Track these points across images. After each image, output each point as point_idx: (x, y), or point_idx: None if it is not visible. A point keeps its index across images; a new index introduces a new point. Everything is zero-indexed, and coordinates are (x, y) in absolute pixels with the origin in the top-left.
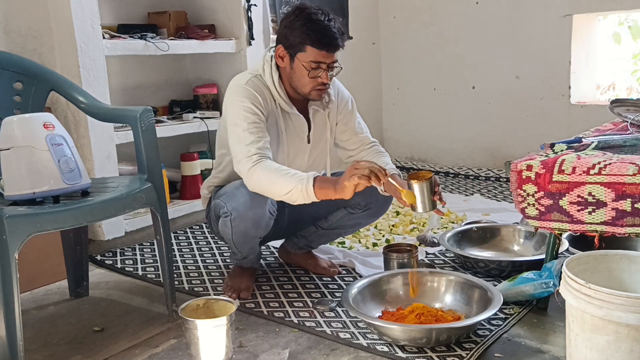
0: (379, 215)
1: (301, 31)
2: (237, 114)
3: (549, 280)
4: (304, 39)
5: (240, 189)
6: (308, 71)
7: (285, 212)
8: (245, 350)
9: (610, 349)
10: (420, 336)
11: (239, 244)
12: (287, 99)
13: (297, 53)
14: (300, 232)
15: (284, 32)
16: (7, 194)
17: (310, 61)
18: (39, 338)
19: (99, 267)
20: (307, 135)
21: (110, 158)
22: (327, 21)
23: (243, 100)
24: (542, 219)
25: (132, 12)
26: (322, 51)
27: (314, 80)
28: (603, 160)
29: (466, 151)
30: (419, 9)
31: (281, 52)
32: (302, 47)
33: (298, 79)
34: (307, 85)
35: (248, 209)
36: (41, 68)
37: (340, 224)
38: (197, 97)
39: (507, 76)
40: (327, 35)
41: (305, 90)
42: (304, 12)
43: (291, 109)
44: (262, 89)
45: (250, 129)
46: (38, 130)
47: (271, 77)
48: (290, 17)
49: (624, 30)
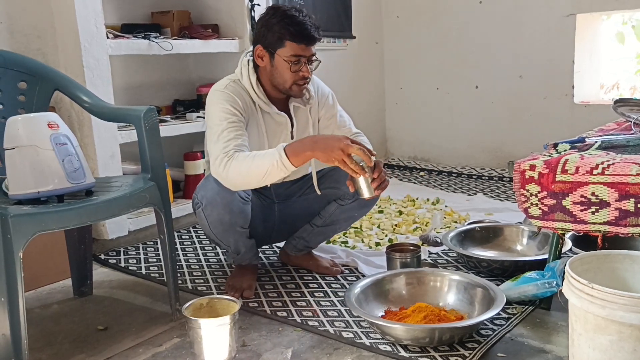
0: (369, 204)
1: (279, 27)
2: (216, 116)
3: (552, 280)
4: (283, 34)
5: (209, 178)
6: (289, 65)
7: (274, 209)
8: (249, 350)
9: (613, 349)
10: (423, 336)
11: (220, 235)
12: (266, 99)
13: (277, 49)
14: (297, 234)
15: (261, 32)
16: (11, 193)
17: (291, 55)
18: (43, 336)
19: (102, 266)
20: (291, 132)
21: (114, 157)
22: (302, 16)
23: (222, 103)
24: (545, 219)
25: (135, 11)
26: (300, 45)
27: (295, 75)
28: (606, 160)
29: (469, 151)
30: (421, 8)
31: (260, 51)
32: (281, 42)
33: (279, 75)
34: (289, 80)
35: (216, 194)
36: (45, 68)
37: (333, 219)
38: (201, 97)
39: (511, 76)
40: (304, 29)
41: (286, 86)
42: (279, 11)
43: (270, 108)
44: (241, 93)
45: (229, 128)
46: (42, 130)
47: (249, 79)
48: (266, 17)
49: (627, 29)
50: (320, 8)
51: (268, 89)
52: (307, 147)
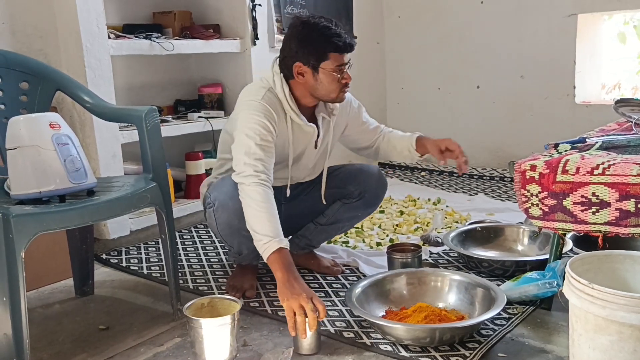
0: (374, 203)
1: (321, 41)
2: (251, 127)
3: (552, 280)
4: (326, 48)
5: (226, 180)
6: (336, 76)
7: (281, 209)
8: (250, 349)
9: (613, 349)
10: (424, 336)
11: (226, 236)
12: (298, 110)
13: (320, 63)
14: (300, 232)
15: (297, 49)
16: (13, 193)
17: (336, 66)
18: (45, 336)
19: (104, 266)
20: (315, 141)
21: (115, 157)
22: (335, 26)
23: (260, 115)
24: (545, 219)
25: (137, 12)
26: (343, 54)
27: (339, 84)
28: (607, 160)
29: (470, 151)
30: (423, 8)
31: (300, 68)
32: (325, 56)
33: (325, 87)
34: (335, 89)
35: (229, 199)
36: (47, 68)
37: (337, 218)
38: (202, 97)
39: (512, 76)
40: (344, 39)
41: (333, 96)
42: (311, 24)
43: (300, 119)
44: (275, 104)
45: (262, 146)
46: (44, 130)
47: (282, 90)
48: (299, 34)
49: (629, 29)
50: (322, 8)
51: (300, 101)
52: (280, 274)
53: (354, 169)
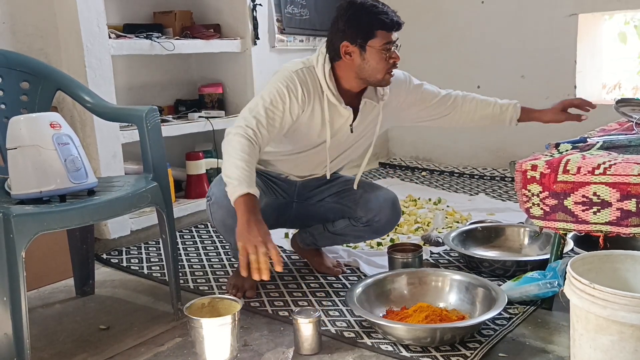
0: (381, 233)
1: (368, 19)
2: (269, 91)
3: (553, 280)
4: (373, 25)
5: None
6: (383, 53)
7: (292, 207)
8: (250, 349)
9: (614, 349)
10: (425, 336)
11: (223, 233)
12: (337, 92)
13: (368, 41)
14: (310, 229)
15: (344, 28)
16: (14, 193)
17: (384, 44)
18: (45, 336)
19: (104, 266)
20: (350, 126)
21: (116, 157)
22: (381, 5)
23: (283, 84)
24: (546, 219)
25: (137, 11)
26: (390, 32)
27: (387, 63)
28: (608, 160)
29: (471, 151)
30: (423, 8)
31: (347, 48)
32: (372, 34)
33: (372, 66)
34: (382, 69)
35: (224, 197)
36: (48, 68)
37: (344, 232)
38: (203, 97)
39: (513, 75)
40: (391, 17)
41: (379, 77)
42: (358, 4)
43: (338, 102)
44: (307, 81)
45: (268, 110)
46: (44, 130)
47: (323, 69)
48: (347, 13)
49: (630, 29)
50: (321, 8)
51: (345, 82)
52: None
53: (371, 197)
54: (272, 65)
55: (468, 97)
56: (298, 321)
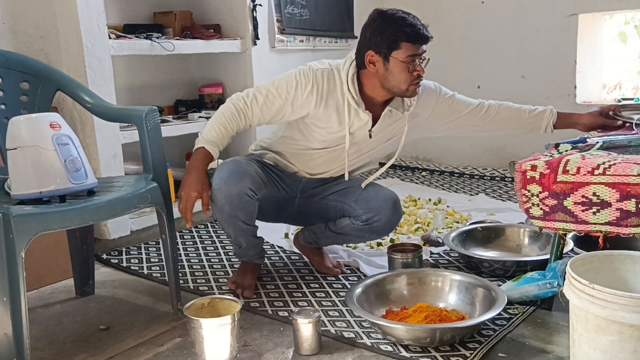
0: (381, 233)
1: (394, 29)
2: (281, 77)
3: (553, 281)
4: (399, 36)
5: (225, 164)
6: (407, 66)
7: (294, 202)
8: (250, 349)
9: (614, 349)
10: (424, 336)
11: (222, 221)
12: (359, 97)
13: (392, 52)
14: (312, 227)
15: (371, 38)
16: (13, 194)
17: (407, 56)
18: (45, 336)
19: (104, 266)
20: (369, 131)
21: (116, 157)
22: (411, 18)
23: (296, 77)
24: (546, 219)
25: (137, 12)
26: (416, 45)
27: (411, 75)
28: (608, 160)
29: (471, 151)
30: (424, 8)
31: (372, 57)
32: (396, 45)
33: (395, 77)
34: (406, 81)
35: (223, 184)
36: (48, 68)
37: (345, 232)
38: (203, 97)
39: (513, 75)
40: (418, 29)
41: (403, 88)
42: (387, 15)
43: (358, 106)
44: (323, 82)
45: (269, 93)
46: (44, 130)
47: (347, 73)
48: (374, 23)
49: (630, 29)
50: (322, 8)
51: (367, 90)
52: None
53: (371, 195)
54: (272, 65)
55: (502, 106)
56: (298, 321)
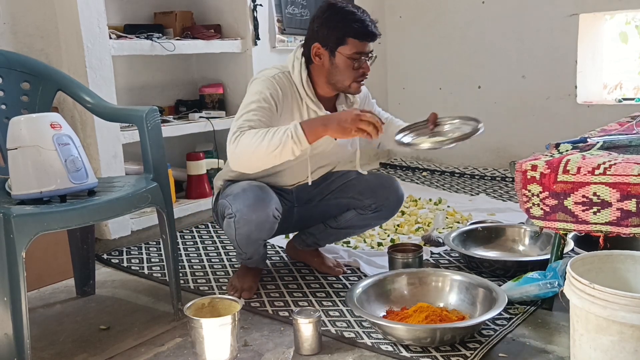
0: (389, 217)
1: (342, 25)
2: (252, 99)
3: (553, 281)
4: (346, 32)
5: (247, 191)
6: (352, 62)
7: (294, 211)
8: (250, 349)
9: (614, 349)
10: (425, 336)
11: (243, 246)
12: (315, 97)
13: (338, 47)
14: (309, 230)
15: (319, 30)
16: (14, 193)
17: (353, 53)
18: (46, 336)
19: (105, 266)
20: None
21: (116, 157)
22: (361, 13)
23: (264, 89)
24: (546, 219)
25: (138, 12)
26: (363, 42)
27: (356, 72)
28: (608, 160)
29: (472, 151)
30: (424, 8)
31: (317, 50)
32: (343, 40)
33: (340, 73)
34: (349, 78)
35: (252, 212)
36: (48, 68)
37: (349, 224)
38: (203, 97)
39: (513, 76)
40: (366, 26)
41: (346, 84)
42: (337, 8)
43: (318, 108)
44: (286, 86)
45: (255, 111)
46: (45, 130)
47: (300, 75)
48: (324, 15)
49: (631, 29)
50: None
51: (319, 88)
52: (319, 123)
53: (374, 183)
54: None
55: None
56: (298, 321)
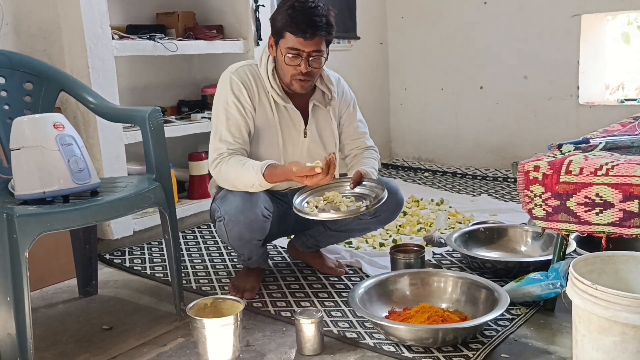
0: (387, 222)
1: (283, 16)
2: (219, 107)
3: (556, 281)
4: (284, 24)
5: (235, 193)
6: (290, 58)
7: (291, 214)
8: (252, 350)
9: (616, 350)
10: (427, 336)
11: (238, 247)
12: (281, 91)
13: (279, 40)
14: (309, 231)
15: (271, 19)
16: (17, 194)
17: (288, 48)
18: (49, 336)
19: (107, 266)
20: (304, 130)
21: (119, 158)
22: (311, 7)
23: (227, 92)
24: (549, 220)
25: (140, 12)
26: (298, 38)
27: (292, 69)
28: (610, 161)
29: (474, 151)
30: (426, 8)
31: (270, 40)
32: (282, 33)
33: (280, 68)
34: (287, 74)
35: (239, 213)
36: (51, 68)
37: (348, 228)
38: (205, 97)
39: (515, 76)
40: (305, 22)
41: (286, 80)
42: (292, 0)
43: (285, 102)
44: (249, 80)
45: (229, 127)
46: (48, 131)
47: (266, 68)
48: (283, 4)
49: (633, 30)
50: None
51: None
52: (282, 177)
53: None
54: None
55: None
56: (300, 322)
